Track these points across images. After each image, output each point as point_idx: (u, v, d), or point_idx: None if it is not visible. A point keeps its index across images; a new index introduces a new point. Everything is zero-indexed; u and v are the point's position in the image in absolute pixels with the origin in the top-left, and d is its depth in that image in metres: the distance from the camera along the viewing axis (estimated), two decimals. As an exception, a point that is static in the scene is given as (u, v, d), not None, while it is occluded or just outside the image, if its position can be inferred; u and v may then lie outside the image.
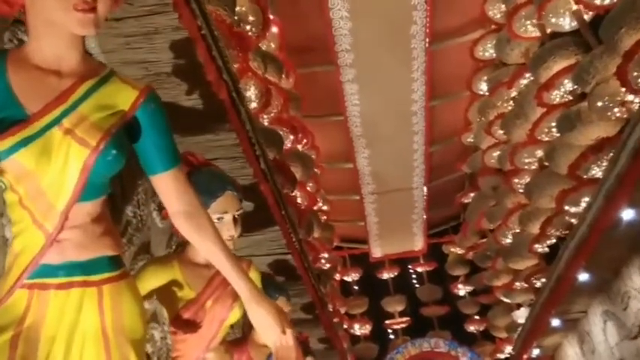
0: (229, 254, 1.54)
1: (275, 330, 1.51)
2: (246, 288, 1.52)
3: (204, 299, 2.24)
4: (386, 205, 11.27)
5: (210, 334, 2.26)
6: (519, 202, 7.80)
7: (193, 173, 2.16)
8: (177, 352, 2.33)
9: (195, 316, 2.21)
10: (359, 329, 11.88)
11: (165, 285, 2.21)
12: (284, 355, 1.52)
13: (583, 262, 5.53)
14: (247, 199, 4.04)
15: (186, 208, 1.49)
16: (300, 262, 5.00)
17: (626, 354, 6.04)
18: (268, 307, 1.52)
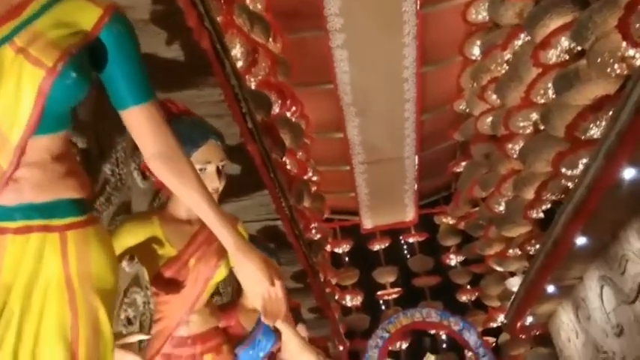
0: (213, 203, 1.40)
1: (263, 282, 1.39)
2: (232, 238, 1.39)
3: (187, 257, 2.03)
4: (377, 175, 11.12)
5: (194, 295, 2.06)
6: (513, 169, 7.69)
7: (173, 122, 1.95)
8: (159, 313, 2.14)
9: (178, 275, 2.02)
10: (350, 300, 11.86)
11: (145, 242, 2.01)
12: (273, 308, 1.41)
13: (580, 226, 5.42)
14: (234, 161, 3.85)
15: (163, 149, 1.33)
16: (290, 228, 4.83)
17: (622, 319, 6.00)
18: (255, 257, 1.40)
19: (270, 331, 3.17)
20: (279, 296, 1.40)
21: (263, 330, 3.20)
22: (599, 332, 6.68)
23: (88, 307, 1.14)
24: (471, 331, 10.41)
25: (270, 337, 3.18)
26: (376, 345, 10.67)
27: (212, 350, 2.05)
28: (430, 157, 11.35)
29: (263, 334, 3.21)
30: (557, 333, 8.25)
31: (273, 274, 1.41)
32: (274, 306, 1.40)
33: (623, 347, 6.11)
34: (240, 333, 3.18)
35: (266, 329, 3.21)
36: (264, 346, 3.20)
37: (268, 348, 3.21)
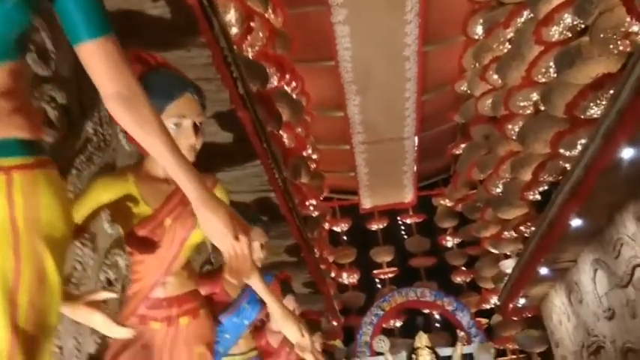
0: (178, 153, 1.32)
1: (226, 236, 1.33)
2: (196, 191, 1.33)
3: (162, 216, 1.95)
4: (376, 155, 11.05)
5: (170, 256, 1.99)
6: (511, 150, 7.62)
7: (149, 74, 1.87)
8: (135, 274, 2.09)
9: (152, 234, 1.95)
10: (347, 278, 11.90)
11: (119, 200, 1.93)
12: (238, 265, 1.37)
13: (576, 207, 5.37)
14: (225, 129, 3.80)
15: (122, 90, 1.24)
16: (283, 200, 4.79)
17: (614, 303, 5.98)
18: (220, 211, 1.33)
19: (255, 299, 3.15)
20: (244, 253, 1.35)
21: (249, 298, 3.18)
22: (591, 316, 6.68)
23: (34, 253, 1.06)
24: (464, 311, 10.44)
25: (255, 306, 3.16)
26: (370, 322, 10.73)
27: (188, 313, 1.97)
28: (430, 139, 11.27)
29: (248, 302, 3.19)
30: (549, 315, 8.27)
31: (238, 229, 1.35)
32: (239, 263, 1.35)
33: (613, 331, 6.11)
34: (225, 300, 3.15)
35: (252, 297, 3.18)
36: (249, 314, 3.18)
37: (253, 316, 3.19)
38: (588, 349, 6.88)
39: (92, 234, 2.51)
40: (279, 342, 4.12)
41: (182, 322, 1.94)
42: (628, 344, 5.74)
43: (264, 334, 4.22)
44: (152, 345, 1.87)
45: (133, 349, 1.84)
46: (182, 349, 1.90)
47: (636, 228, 5.24)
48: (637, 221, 5.19)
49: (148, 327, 1.88)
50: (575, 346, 7.38)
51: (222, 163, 4.04)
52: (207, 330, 2.02)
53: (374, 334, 10.59)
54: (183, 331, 1.93)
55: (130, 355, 1.84)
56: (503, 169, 7.80)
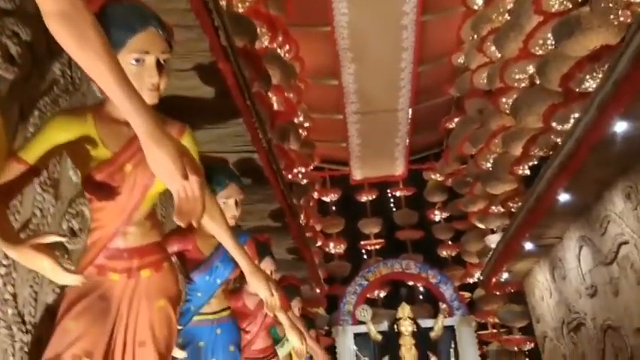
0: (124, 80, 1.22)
1: (175, 174, 1.26)
2: (144, 123, 1.24)
3: (123, 161, 1.79)
4: (369, 126, 10.92)
5: (132, 204, 1.85)
6: (504, 125, 7.52)
7: (110, 4, 1.69)
8: (95, 222, 1.96)
9: (111, 179, 1.82)
10: (333, 248, 11.90)
11: (77, 141, 1.79)
12: (187, 207, 1.30)
13: (565, 182, 5.30)
14: (207, 83, 3.64)
15: (63, 6, 1.13)
16: (267, 162, 4.67)
17: (597, 280, 5.98)
18: (169, 146, 1.26)
19: (228, 258, 3.05)
20: (194, 193, 1.27)
21: (221, 256, 3.08)
22: (573, 292, 6.70)
23: None
24: (448, 284, 10.49)
25: (228, 264, 3.06)
26: (354, 291, 10.77)
27: (150, 266, 1.86)
28: (424, 112, 11.13)
29: (221, 260, 3.09)
30: (531, 291, 8.30)
31: (188, 167, 1.26)
32: (189, 204, 1.27)
33: (595, 308, 6.13)
34: (197, 258, 3.05)
35: (225, 256, 3.08)
36: (222, 273, 3.08)
37: (226, 275, 3.10)
38: (569, 326, 6.92)
39: (55, 180, 2.39)
40: (256, 304, 4.06)
41: (143, 274, 1.84)
42: (608, 322, 5.76)
43: (241, 295, 4.15)
44: (110, 296, 1.77)
45: (89, 300, 1.74)
46: (142, 302, 1.80)
47: (624, 205, 5.19)
48: (625, 198, 5.14)
49: (107, 278, 1.78)
50: (555, 322, 7.43)
51: (203, 120, 3.90)
52: (169, 284, 1.90)
53: (357, 303, 10.64)
54: (144, 283, 1.82)
55: (86, 305, 1.74)
56: (495, 144, 7.71)
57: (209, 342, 3.12)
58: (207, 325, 3.17)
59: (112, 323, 1.73)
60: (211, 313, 3.21)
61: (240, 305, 4.14)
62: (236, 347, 3.21)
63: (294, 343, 3.54)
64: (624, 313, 5.44)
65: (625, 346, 5.46)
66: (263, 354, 4.16)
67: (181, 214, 1.27)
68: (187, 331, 3.07)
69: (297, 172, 8.47)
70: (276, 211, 5.74)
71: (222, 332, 3.19)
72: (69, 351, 1.64)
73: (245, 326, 4.09)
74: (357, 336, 10.26)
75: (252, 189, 5.19)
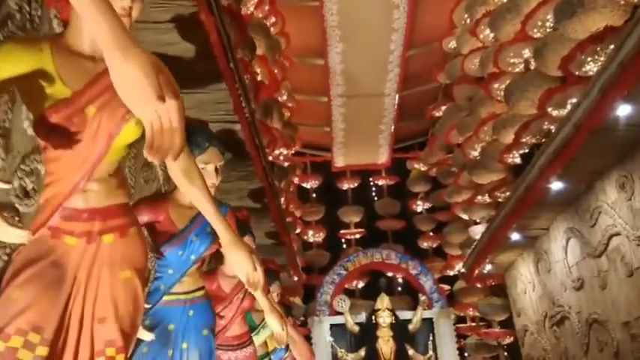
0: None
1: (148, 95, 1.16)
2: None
3: (85, 101, 1.51)
4: (354, 110, 10.63)
5: (94, 155, 1.55)
6: (494, 112, 7.31)
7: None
8: (49, 176, 1.64)
9: (70, 123, 1.51)
10: (312, 236, 11.63)
11: (29, 76, 1.49)
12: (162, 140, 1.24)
13: (558, 170, 5.11)
14: (187, 39, 3.30)
15: None
16: (249, 134, 4.35)
17: (584, 273, 5.83)
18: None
19: (205, 231, 2.74)
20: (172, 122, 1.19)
21: (197, 229, 2.77)
22: (558, 286, 6.55)
23: None
24: (428, 276, 10.33)
25: (205, 239, 2.74)
26: (332, 281, 10.53)
27: (115, 230, 1.58)
28: (410, 99, 10.88)
29: (197, 234, 2.77)
30: (513, 284, 8.17)
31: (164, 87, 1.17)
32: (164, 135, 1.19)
33: (580, 301, 5.98)
34: (169, 230, 2.72)
35: (202, 229, 2.77)
36: (197, 248, 2.76)
37: (201, 250, 2.77)
38: (551, 320, 6.78)
39: (5, 129, 2.05)
40: (232, 287, 3.75)
41: (105, 240, 1.56)
42: (594, 315, 5.62)
43: (216, 277, 3.84)
44: (65, 264, 1.49)
45: (39, 266, 1.46)
46: (103, 272, 1.52)
47: (617, 196, 5.03)
48: (619, 189, 4.97)
49: (62, 242, 1.49)
50: (537, 316, 7.30)
51: (181, 82, 3.54)
52: (137, 252, 1.62)
53: (335, 293, 10.41)
54: (107, 250, 1.54)
55: (36, 272, 1.45)
56: (484, 131, 7.50)
57: (180, 324, 2.81)
58: (178, 305, 2.86)
59: (67, 295, 1.47)
60: (183, 293, 2.90)
61: (215, 288, 3.83)
62: (210, 331, 2.90)
63: (274, 327, 3.24)
64: (611, 306, 5.29)
65: (611, 340, 5.32)
66: (238, 341, 3.85)
67: (154, 147, 1.13)
68: (156, 312, 2.75)
69: (279, 153, 8.15)
70: (257, 191, 5.44)
71: (196, 314, 2.88)
72: (13, 324, 1.37)
73: (219, 311, 3.78)
74: (334, 327, 10.03)
75: (232, 165, 4.87)
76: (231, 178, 5.05)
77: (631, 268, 4.88)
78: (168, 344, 2.75)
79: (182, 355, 2.79)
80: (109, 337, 1.48)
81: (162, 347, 2.70)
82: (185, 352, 2.80)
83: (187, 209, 2.75)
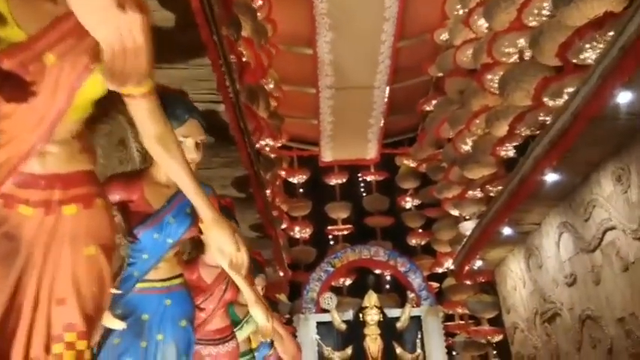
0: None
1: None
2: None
3: (42, 47, 1.30)
4: (343, 102, 10.43)
5: (54, 111, 1.35)
6: (487, 105, 7.16)
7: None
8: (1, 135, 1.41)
9: (24, 71, 1.31)
10: (299, 232, 11.41)
11: None
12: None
13: (554, 162, 4.95)
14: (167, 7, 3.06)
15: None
16: (234, 117, 4.12)
17: (577, 269, 5.68)
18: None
19: (184, 212, 2.51)
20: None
21: (175, 210, 2.54)
22: (549, 282, 6.41)
23: None
24: (417, 273, 10.16)
25: (183, 221, 2.50)
26: (319, 278, 10.32)
27: (77, 201, 1.38)
28: (401, 92, 10.71)
29: (175, 215, 2.53)
30: (503, 281, 8.03)
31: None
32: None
33: (573, 298, 5.84)
34: (143, 211, 2.48)
35: (180, 210, 2.53)
36: (175, 231, 2.53)
37: (180, 233, 2.53)
38: (542, 316, 6.64)
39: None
40: (214, 278, 3.53)
41: (66, 211, 1.36)
42: (587, 311, 5.47)
43: (196, 267, 3.61)
44: (19, 236, 1.29)
45: None
46: (64, 247, 1.33)
47: (613, 189, 4.88)
48: (615, 181, 4.82)
49: (15, 211, 1.31)
50: (528, 313, 7.16)
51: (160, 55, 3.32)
52: (103, 226, 1.41)
53: (321, 290, 10.20)
54: (68, 223, 1.34)
55: None
56: (476, 124, 7.35)
57: (156, 315, 2.58)
58: (154, 294, 2.63)
59: (20, 270, 1.28)
60: (159, 281, 2.67)
61: (195, 278, 3.59)
62: (188, 322, 2.67)
63: (259, 319, 3.02)
64: (606, 302, 5.15)
65: (604, 337, 5.17)
66: (220, 335, 3.62)
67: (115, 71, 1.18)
68: (129, 300, 2.51)
69: (265, 144, 7.93)
70: (241, 180, 5.20)
71: (173, 304, 2.64)
72: None
73: (200, 302, 3.54)
74: (320, 325, 9.81)
75: (215, 150, 4.64)
76: (214, 164, 4.82)
77: (626, 262, 4.74)
78: (141, 335, 2.52)
79: (157, 347, 2.57)
80: (69, 320, 1.30)
81: (135, 338, 2.48)
82: (160, 344, 2.58)
83: (164, 188, 2.53)
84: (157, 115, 1.47)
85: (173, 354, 2.63)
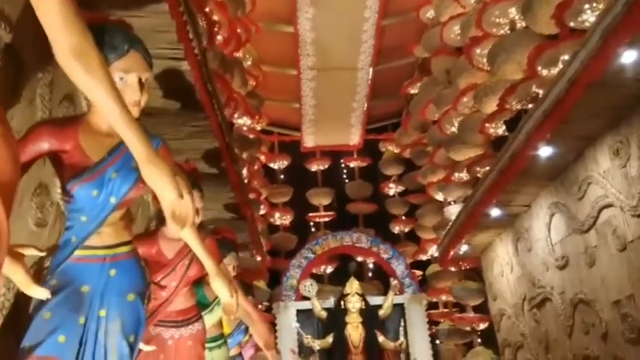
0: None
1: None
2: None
3: None
4: (325, 84, 10.04)
5: None
6: (475, 83, 6.83)
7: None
8: None
9: None
10: (279, 218, 11.02)
11: None
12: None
13: (547, 135, 4.63)
14: None
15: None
16: (200, 77, 3.71)
17: (570, 250, 5.39)
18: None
19: (129, 167, 2.12)
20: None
21: (119, 163, 2.14)
22: (539, 265, 6.13)
23: None
24: (400, 260, 9.86)
25: (128, 176, 2.12)
26: (299, 265, 9.96)
27: None
28: (385, 75, 10.35)
29: (117, 169, 2.14)
30: (489, 267, 7.75)
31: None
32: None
33: (564, 281, 5.55)
34: (80, 162, 2.09)
35: (123, 163, 2.14)
36: (118, 188, 2.13)
37: (124, 191, 2.13)
38: (531, 302, 6.36)
39: None
40: (176, 252, 3.13)
41: None
42: (580, 295, 5.19)
43: (156, 240, 3.21)
44: None
45: None
46: None
47: (610, 164, 4.58)
48: (613, 155, 4.53)
49: None
50: (516, 299, 6.88)
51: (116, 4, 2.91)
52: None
53: (302, 277, 9.84)
54: None
55: None
56: (463, 103, 7.02)
57: (98, 286, 2.20)
58: (95, 263, 2.26)
59: None
60: (102, 248, 2.28)
61: (155, 252, 3.19)
62: (138, 296, 2.29)
63: (221, 293, 2.63)
64: (600, 285, 4.86)
65: (599, 321, 4.89)
66: (183, 316, 3.23)
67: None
68: (66, 269, 2.15)
69: (243, 123, 7.52)
70: (212, 153, 4.79)
71: (118, 274, 2.26)
72: None
73: (160, 279, 3.15)
74: (300, 313, 9.47)
75: (182, 117, 4.23)
76: (182, 134, 4.40)
77: (624, 241, 4.45)
78: (79, 309, 2.13)
79: (99, 323, 2.17)
80: None
81: (71, 313, 2.09)
82: (103, 320, 2.19)
83: (105, 137, 2.14)
84: (74, 23, 1.33)
85: (117, 332, 2.24)
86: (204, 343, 3.38)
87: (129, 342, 2.25)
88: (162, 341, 3.18)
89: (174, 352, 3.22)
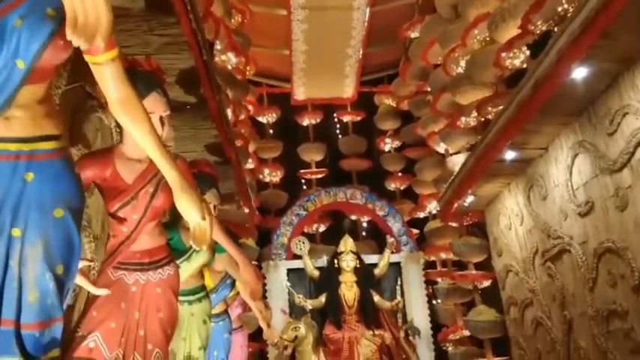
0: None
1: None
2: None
3: None
4: (318, 27, 9.21)
5: None
6: (487, 12, 6.10)
7: None
8: None
9: None
10: (269, 175, 10.34)
11: None
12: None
13: (584, 52, 3.94)
14: None
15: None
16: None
17: (595, 194, 4.79)
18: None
19: (41, 14, 1.58)
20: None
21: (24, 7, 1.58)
22: (556, 214, 5.53)
23: None
24: (397, 217, 9.27)
25: (38, 27, 1.64)
26: (290, 222, 9.34)
27: None
28: (382, 18, 9.52)
29: (22, 14, 1.60)
30: (495, 221, 7.17)
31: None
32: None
33: (587, 229, 4.96)
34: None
35: (32, 6, 1.59)
36: (26, 44, 1.67)
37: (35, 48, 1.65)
38: (544, 255, 5.79)
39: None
40: (137, 176, 2.43)
41: None
42: (607, 244, 4.60)
43: (111, 159, 2.50)
44: None
45: None
46: None
47: (654, 88, 3.94)
48: (658, 78, 3.87)
49: None
50: (525, 253, 6.31)
51: None
52: None
53: (293, 235, 9.23)
54: None
55: None
56: (473, 36, 6.28)
57: (9, 194, 1.68)
58: (4, 161, 1.69)
59: None
60: (14, 141, 1.69)
61: (110, 175, 2.47)
62: (68, 212, 1.70)
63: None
64: (634, 230, 4.27)
65: (630, 271, 4.31)
66: (149, 258, 2.53)
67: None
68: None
69: (227, 59, 6.76)
70: (188, 73, 4.03)
71: (39, 180, 1.67)
72: None
73: (117, 209, 2.46)
74: (291, 272, 8.89)
75: (149, 22, 3.49)
76: (150, 47, 3.65)
77: (667, 178, 3.85)
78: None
79: (11, 246, 1.59)
80: None
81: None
82: (17, 241, 1.62)
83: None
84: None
85: (38, 259, 1.65)
86: (177, 290, 2.70)
87: (55, 274, 1.64)
88: (125, 287, 2.49)
89: (139, 299, 2.53)
